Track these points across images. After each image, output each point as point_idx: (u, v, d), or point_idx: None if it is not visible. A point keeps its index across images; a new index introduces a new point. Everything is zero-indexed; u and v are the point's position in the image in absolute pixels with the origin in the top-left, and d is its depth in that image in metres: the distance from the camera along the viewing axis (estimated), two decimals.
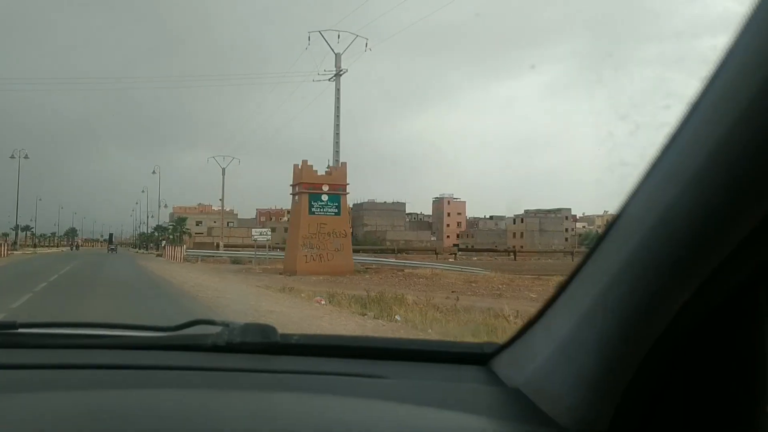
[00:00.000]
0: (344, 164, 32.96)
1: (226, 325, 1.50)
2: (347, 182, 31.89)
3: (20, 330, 1.52)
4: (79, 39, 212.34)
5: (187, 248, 50.93)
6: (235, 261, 42.22)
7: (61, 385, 1.22)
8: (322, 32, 36.99)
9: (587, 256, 0.98)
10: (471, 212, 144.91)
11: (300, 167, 30.96)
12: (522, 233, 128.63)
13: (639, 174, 0.85)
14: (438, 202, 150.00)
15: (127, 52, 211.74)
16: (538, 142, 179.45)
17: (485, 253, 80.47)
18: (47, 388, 1.21)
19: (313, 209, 30.54)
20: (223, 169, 68.97)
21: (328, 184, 30.56)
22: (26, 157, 71.31)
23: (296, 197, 31.48)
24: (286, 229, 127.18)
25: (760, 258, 0.77)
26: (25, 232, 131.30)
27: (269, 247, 37.80)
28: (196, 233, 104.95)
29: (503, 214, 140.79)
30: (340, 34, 37.07)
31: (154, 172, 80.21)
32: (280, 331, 1.46)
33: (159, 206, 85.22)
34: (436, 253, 68.36)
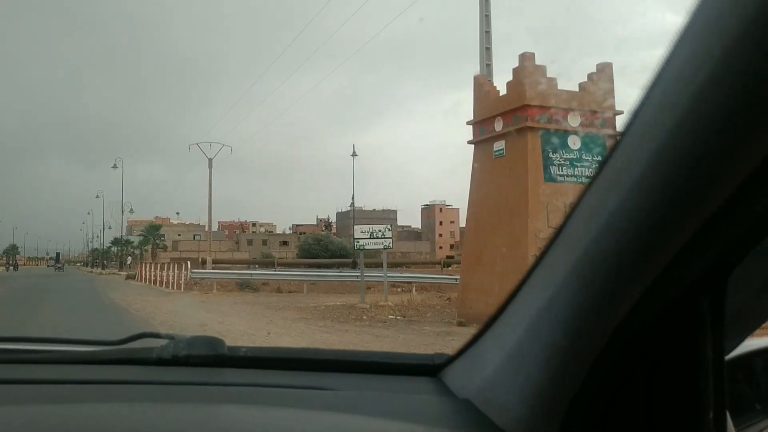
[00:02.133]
0: (608, 65, 14.04)
1: (171, 338, 1.45)
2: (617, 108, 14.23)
3: None
4: (22, 49, 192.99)
5: (162, 262, 34.35)
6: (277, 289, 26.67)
7: (3, 401, 1.18)
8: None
9: (535, 264, 0.97)
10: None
11: (523, 69, 13.86)
12: None
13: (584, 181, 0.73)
14: (428, 210, 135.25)
15: (72, 63, 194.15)
16: None
17: None
18: None
19: (553, 167, 13.21)
20: (210, 160, 52.52)
21: (574, 113, 13.65)
22: None
23: (501, 144, 14.25)
24: (264, 242, 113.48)
25: (701, 266, 0.79)
26: None
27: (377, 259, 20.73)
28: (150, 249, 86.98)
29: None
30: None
31: (115, 166, 62.32)
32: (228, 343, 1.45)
33: (122, 211, 66.41)
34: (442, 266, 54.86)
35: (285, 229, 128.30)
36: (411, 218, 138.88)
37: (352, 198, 57.93)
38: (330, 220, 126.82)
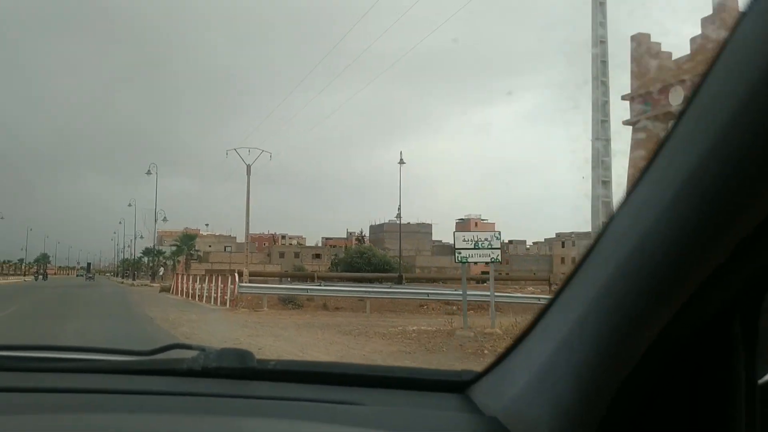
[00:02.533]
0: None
1: (202, 349, 1.47)
2: None
3: None
4: (56, 63, 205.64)
5: (196, 274, 31.12)
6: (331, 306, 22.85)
7: (34, 409, 1.22)
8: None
9: (565, 283, 0.98)
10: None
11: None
12: (574, 258, 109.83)
13: (616, 201, 0.86)
14: (463, 224, 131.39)
15: (105, 77, 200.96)
16: (516, 169, 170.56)
17: (529, 282, 62.41)
18: (20, 411, 1.21)
19: None
20: (249, 166, 49.50)
21: None
22: None
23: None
24: (297, 255, 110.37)
25: (735, 286, 0.79)
26: None
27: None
28: (183, 259, 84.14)
29: (524, 239, 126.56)
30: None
31: (149, 172, 59.62)
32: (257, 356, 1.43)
33: (156, 220, 63.40)
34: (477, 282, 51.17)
35: (315, 242, 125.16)
36: (443, 233, 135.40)
37: (399, 209, 54.11)
38: (363, 233, 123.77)
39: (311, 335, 13.74)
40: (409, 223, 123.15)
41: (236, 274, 22.82)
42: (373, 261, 61.56)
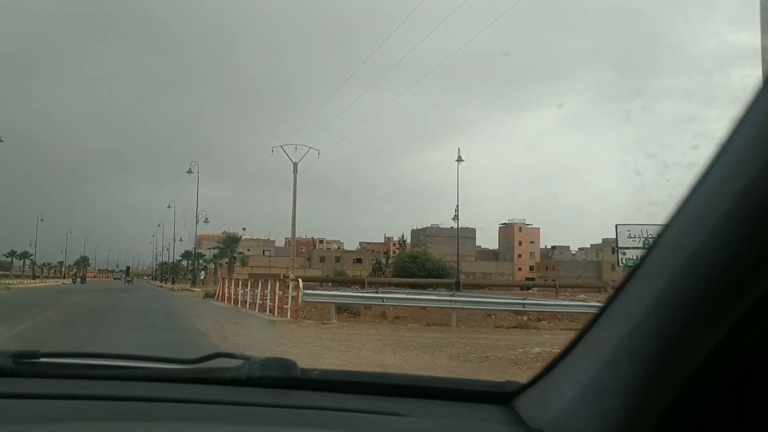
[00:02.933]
0: None
1: (246, 358, 1.48)
2: None
3: (42, 359, 1.51)
4: (100, 70, 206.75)
5: (239, 278, 28.84)
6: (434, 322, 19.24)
7: (82, 417, 1.23)
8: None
9: (612, 297, 0.98)
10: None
11: None
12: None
13: (667, 214, 0.85)
14: (506, 229, 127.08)
15: (148, 83, 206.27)
16: (560, 177, 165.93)
17: (581, 289, 58.21)
18: (69, 419, 1.22)
19: None
20: (295, 164, 46.73)
21: None
22: None
23: None
24: (337, 259, 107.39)
25: None
26: (23, 260, 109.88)
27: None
28: (225, 263, 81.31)
29: (567, 245, 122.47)
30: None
31: (190, 171, 57.09)
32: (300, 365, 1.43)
33: (196, 221, 60.57)
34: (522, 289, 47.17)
35: (352, 247, 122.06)
36: (484, 238, 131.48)
37: (456, 210, 50.20)
38: (404, 238, 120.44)
39: (419, 360, 10.42)
40: (452, 227, 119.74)
41: (299, 280, 19.54)
42: (426, 266, 58.01)
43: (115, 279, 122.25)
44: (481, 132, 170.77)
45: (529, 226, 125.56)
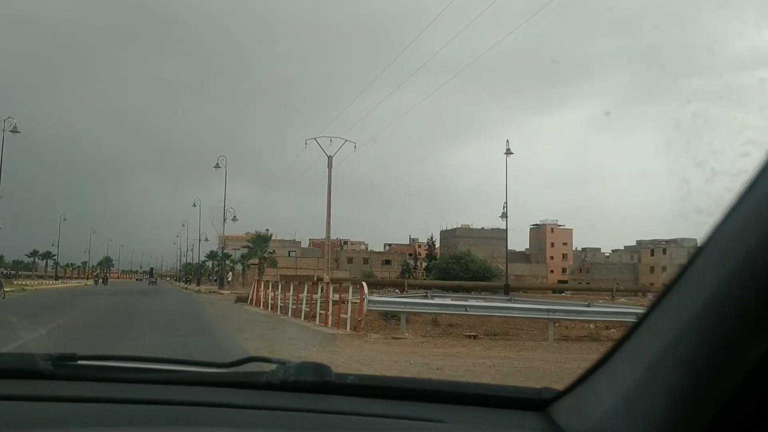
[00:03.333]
0: None
1: (281, 362, 1.47)
2: None
3: (80, 362, 1.51)
4: (124, 75, 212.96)
5: (269, 280, 25.87)
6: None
7: (120, 420, 1.24)
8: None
9: (655, 304, 0.96)
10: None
11: None
12: (665, 267, 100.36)
13: (713, 222, 0.85)
14: (538, 230, 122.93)
15: (174, 87, 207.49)
16: (588, 179, 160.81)
17: (621, 293, 53.96)
18: (107, 422, 1.23)
19: None
20: (330, 158, 43.50)
21: None
22: None
23: None
24: (365, 260, 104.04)
25: None
26: (46, 260, 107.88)
27: None
28: (253, 264, 78.00)
29: (598, 247, 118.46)
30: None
31: (218, 166, 54.13)
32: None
33: (224, 219, 57.12)
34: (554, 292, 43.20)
35: (376, 248, 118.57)
36: (514, 240, 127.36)
37: (504, 206, 46.36)
38: (432, 239, 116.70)
39: None
40: (482, 228, 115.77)
41: (363, 284, 16.04)
42: (471, 267, 53.94)
43: (136, 280, 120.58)
44: (507, 131, 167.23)
45: (562, 228, 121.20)
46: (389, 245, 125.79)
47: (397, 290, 41.40)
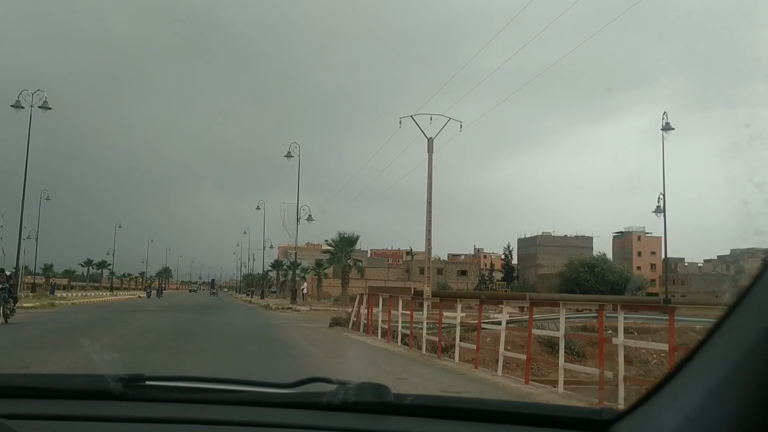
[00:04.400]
0: None
1: (342, 383, 1.49)
2: None
3: (148, 383, 1.55)
4: (187, 88, 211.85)
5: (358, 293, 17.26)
6: None
7: None
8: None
9: (717, 325, 0.96)
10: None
11: None
12: None
13: None
14: (622, 238, 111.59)
15: (233, 99, 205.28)
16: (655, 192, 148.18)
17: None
18: None
19: None
20: (431, 140, 34.76)
21: None
22: None
23: None
24: (439, 271, 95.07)
25: None
26: (101, 270, 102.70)
27: None
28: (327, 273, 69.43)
29: (681, 257, 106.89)
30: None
31: (290, 155, 45.87)
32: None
33: (297, 219, 48.27)
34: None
35: (438, 257, 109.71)
36: (596, 249, 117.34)
37: (661, 198, 36.62)
38: (510, 248, 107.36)
39: None
40: (566, 235, 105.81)
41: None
42: (609, 277, 44.18)
43: (190, 291, 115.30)
44: (562, 141, 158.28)
45: (649, 235, 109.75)
46: (454, 256, 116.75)
47: (502, 305, 32.47)
